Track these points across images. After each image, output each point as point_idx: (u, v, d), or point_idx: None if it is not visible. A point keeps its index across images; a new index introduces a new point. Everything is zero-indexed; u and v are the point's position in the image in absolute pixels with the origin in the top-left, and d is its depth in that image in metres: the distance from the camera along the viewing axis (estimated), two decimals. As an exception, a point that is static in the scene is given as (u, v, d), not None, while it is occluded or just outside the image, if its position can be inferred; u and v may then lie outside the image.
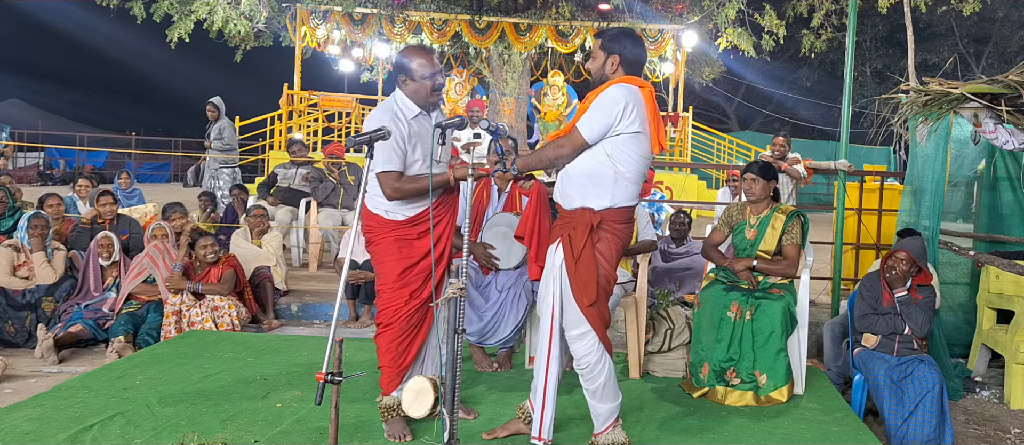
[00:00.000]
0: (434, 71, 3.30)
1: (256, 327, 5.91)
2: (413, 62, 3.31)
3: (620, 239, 3.24)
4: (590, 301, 3.15)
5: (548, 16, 12.25)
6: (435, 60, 3.34)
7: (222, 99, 9.66)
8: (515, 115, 12.79)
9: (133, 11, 11.64)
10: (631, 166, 3.17)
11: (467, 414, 3.74)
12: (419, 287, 3.36)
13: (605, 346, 3.23)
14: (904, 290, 4.40)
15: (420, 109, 3.35)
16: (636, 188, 3.25)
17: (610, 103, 3.11)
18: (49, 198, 6.88)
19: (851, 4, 5.49)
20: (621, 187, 3.17)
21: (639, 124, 3.12)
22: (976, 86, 3.74)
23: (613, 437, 3.30)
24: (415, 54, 3.33)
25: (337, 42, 13.94)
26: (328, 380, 2.60)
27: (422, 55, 3.33)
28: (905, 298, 4.39)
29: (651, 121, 3.18)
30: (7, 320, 5.52)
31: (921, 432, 4.10)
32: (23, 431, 3.49)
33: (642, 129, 3.14)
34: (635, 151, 3.16)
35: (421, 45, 3.53)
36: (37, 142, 21.41)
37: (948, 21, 18.37)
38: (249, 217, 6.98)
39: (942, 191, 5.25)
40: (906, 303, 4.38)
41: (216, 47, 13.20)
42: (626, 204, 3.22)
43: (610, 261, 3.22)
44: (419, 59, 3.31)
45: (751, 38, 11.98)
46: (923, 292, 4.41)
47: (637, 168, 3.19)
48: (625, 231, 3.27)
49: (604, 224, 3.19)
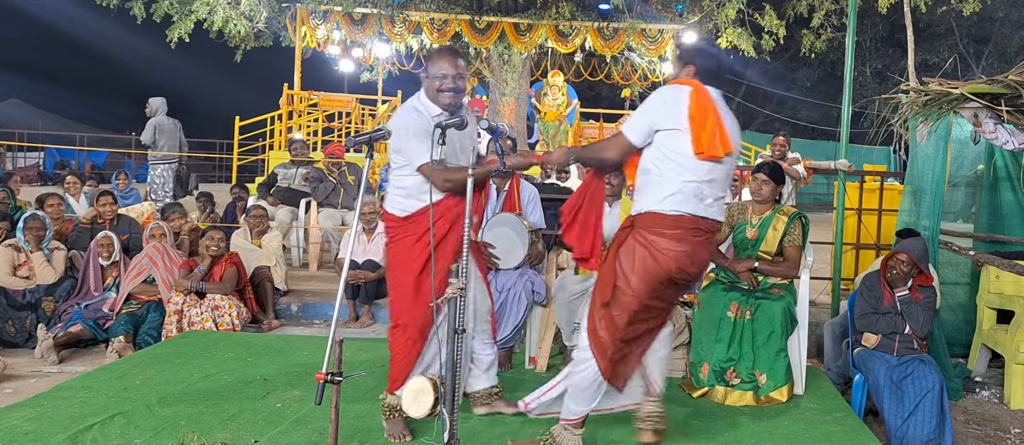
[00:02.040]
0: (444, 73, 3.26)
1: (256, 327, 5.91)
2: (430, 61, 3.34)
3: (650, 252, 3.02)
4: (603, 301, 3.12)
5: (548, 16, 12.24)
6: (455, 63, 3.28)
7: (164, 99, 10.04)
8: (515, 115, 12.79)
9: (133, 11, 11.64)
10: (667, 167, 3.02)
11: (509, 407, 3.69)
12: (430, 291, 3.34)
13: (597, 360, 3.13)
14: (905, 290, 4.40)
15: (440, 110, 3.33)
16: (683, 196, 3.02)
17: (651, 102, 3.09)
18: (49, 198, 6.88)
19: (851, 4, 5.49)
20: (656, 190, 3.04)
21: (675, 122, 3.01)
22: (976, 86, 3.74)
23: (564, 436, 3.28)
24: (434, 54, 3.36)
25: (337, 42, 13.93)
26: (328, 380, 2.60)
27: (440, 56, 3.32)
28: (906, 298, 4.39)
29: (695, 120, 3.00)
30: (7, 320, 5.52)
31: (921, 432, 4.10)
32: (23, 431, 3.49)
33: (679, 127, 3.01)
34: (672, 149, 3.02)
35: (448, 47, 3.51)
36: (37, 142, 21.40)
37: (948, 21, 18.36)
38: (249, 217, 6.98)
39: (942, 191, 5.25)
40: (907, 303, 4.38)
41: (216, 47, 13.19)
42: (659, 209, 3.03)
43: (627, 277, 3.04)
44: (434, 59, 3.32)
45: (751, 38, 11.98)
46: (924, 292, 4.42)
47: (676, 170, 3.01)
48: (663, 246, 3.01)
49: (634, 231, 3.08)
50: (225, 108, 15.70)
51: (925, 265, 4.45)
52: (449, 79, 3.27)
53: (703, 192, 3.06)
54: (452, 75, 3.27)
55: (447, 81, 3.28)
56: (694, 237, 3.06)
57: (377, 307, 6.41)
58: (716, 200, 3.13)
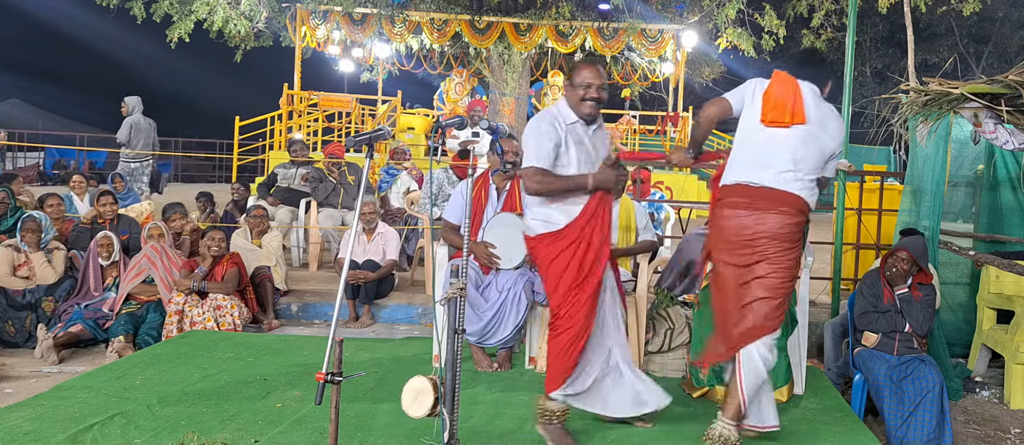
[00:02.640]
0: (588, 83, 3.36)
1: (256, 327, 5.91)
2: (575, 72, 3.44)
3: (721, 221, 3.34)
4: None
5: (548, 16, 12.24)
6: (599, 75, 3.40)
7: (139, 98, 10.24)
8: (515, 115, 12.79)
9: (133, 11, 11.64)
10: (737, 141, 3.36)
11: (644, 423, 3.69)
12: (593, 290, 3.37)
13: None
14: (905, 287, 4.41)
15: (577, 118, 3.41)
16: (747, 167, 3.30)
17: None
18: (49, 198, 6.88)
19: (851, 4, 5.49)
20: (732, 163, 3.37)
21: (750, 98, 3.34)
22: (976, 86, 3.74)
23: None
24: (579, 65, 3.48)
25: (337, 42, 13.94)
26: (328, 380, 2.60)
27: (585, 67, 3.44)
28: (906, 295, 4.40)
29: (768, 96, 3.29)
30: (7, 320, 5.52)
31: (921, 432, 4.10)
32: (23, 431, 3.49)
33: (752, 101, 3.32)
34: (741, 125, 3.34)
35: (591, 58, 3.66)
36: (37, 142, 21.39)
37: (948, 21, 18.36)
38: (249, 217, 6.98)
39: (942, 191, 5.26)
40: (907, 300, 4.38)
41: (216, 47, 13.19)
42: (729, 180, 3.34)
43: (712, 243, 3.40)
44: (580, 70, 3.43)
45: (751, 38, 11.98)
46: (924, 290, 4.42)
47: (743, 145, 3.33)
48: (729, 216, 3.30)
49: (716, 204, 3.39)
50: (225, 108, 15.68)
51: (925, 263, 4.45)
52: (593, 89, 3.37)
53: (765, 161, 3.26)
54: (596, 85, 3.37)
55: (591, 90, 3.37)
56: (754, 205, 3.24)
57: (377, 307, 6.42)
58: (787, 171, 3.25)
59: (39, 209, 6.53)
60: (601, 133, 3.55)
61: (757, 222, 3.22)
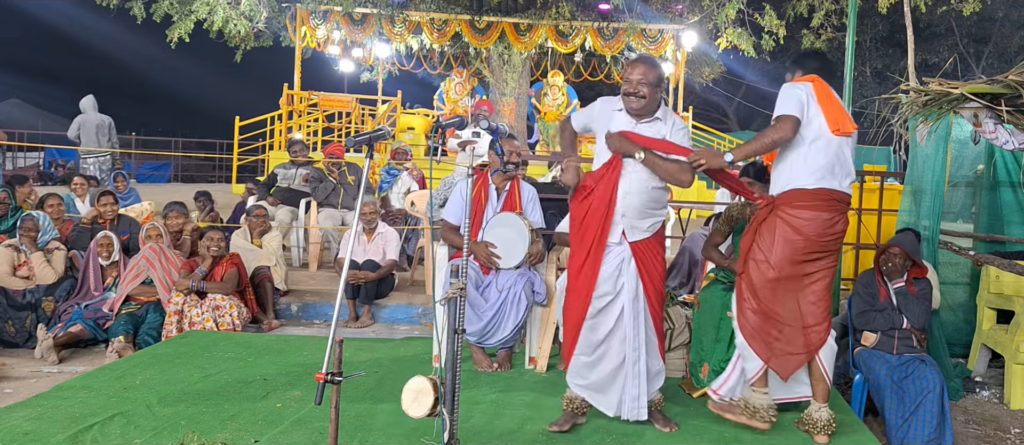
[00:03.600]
0: (628, 78, 3.51)
1: (256, 327, 5.91)
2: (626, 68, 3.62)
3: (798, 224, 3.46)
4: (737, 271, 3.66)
5: (548, 16, 12.24)
6: (637, 70, 3.50)
7: (92, 98, 10.86)
8: (515, 115, 12.79)
9: (133, 11, 11.64)
10: (804, 148, 3.49)
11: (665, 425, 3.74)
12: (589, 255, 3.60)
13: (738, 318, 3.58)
14: (901, 281, 4.44)
15: (622, 108, 3.59)
16: (824, 173, 3.47)
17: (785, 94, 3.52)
18: (49, 198, 6.88)
19: (851, 4, 5.49)
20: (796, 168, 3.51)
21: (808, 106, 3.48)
22: (976, 86, 3.73)
23: (753, 397, 3.58)
24: (628, 64, 3.65)
25: (337, 42, 13.93)
26: (328, 380, 2.60)
27: (627, 66, 3.61)
28: (902, 289, 4.43)
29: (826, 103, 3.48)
30: (7, 320, 5.52)
31: (921, 432, 4.10)
32: (23, 431, 3.49)
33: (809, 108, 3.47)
34: (804, 133, 3.47)
35: (645, 56, 3.76)
36: (37, 142, 21.38)
37: (948, 21, 18.35)
38: (249, 217, 6.98)
39: (942, 191, 5.26)
40: (903, 295, 4.41)
41: (216, 47, 13.19)
42: (807, 185, 3.46)
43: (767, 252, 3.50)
44: (625, 67, 3.67)
45: (751, 38, 11.98)
46: (919, 285, 4.45)
47: (817, 153, 3.46)
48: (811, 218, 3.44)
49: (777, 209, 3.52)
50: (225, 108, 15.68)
51: (918, 256, 4.48)
52: (631, 84, 3.51)
53: (840, 169, 3.46)
54: (634, 80, 3.49)
55: (629, 86, 3.52)
56: (833, 208, 3.47)
57: (377, 307, 6.42)
58: (850, 177, 3.53)
59: (39, 209, 6.53)
60: (656, 126, 3.57)
61: (836, 223, 3.49)
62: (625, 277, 3.55)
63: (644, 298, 3.59)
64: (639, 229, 3.55)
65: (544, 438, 3.59)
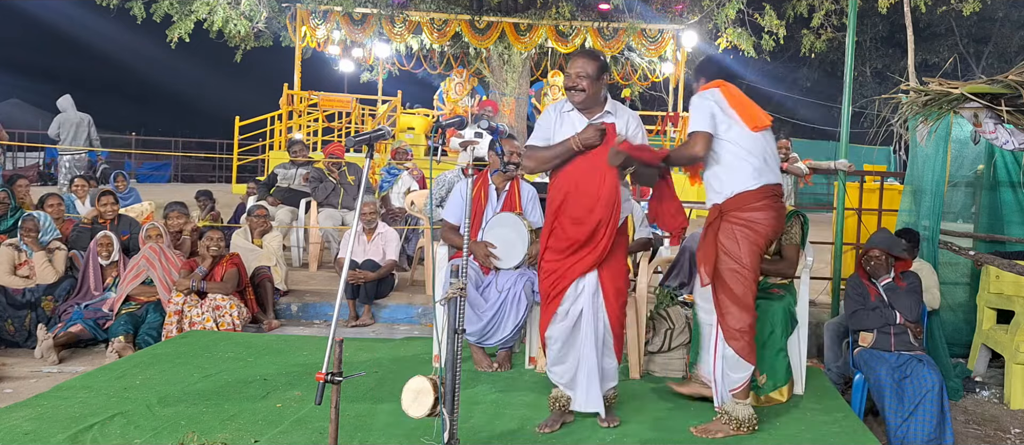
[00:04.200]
0: (570, 73, 3.54)
1: (256, 327, 5.91)
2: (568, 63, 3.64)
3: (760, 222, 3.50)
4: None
5: (548, 16, 12.25)
6: (575, 64, 3.53)
7: (69, 97, 11.02)
8: (515, 115, 12.79)
9: (133, 11, 11.64)
10: (737, 151, 3.51)
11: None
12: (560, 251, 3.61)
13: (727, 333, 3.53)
14: (888, 278, 4.47)
15: (572, 106, 3.61)
16: (761, 171, 3.54)
17: (696, 104, 3.54)
18: (49, 198, 6.88)
19: (851, 4, 5.49)
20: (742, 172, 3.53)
21: (720, 114, 3.52)
22: (976, 86, 3.74)
23: (735, 409, 3.56)
24: (571, 57, 3.68)
25: (337, 42, 13.94)
26: (328, 380, 2.60)
27: (572, 60, 3.59)
28: (891, 285, 4.47)
29: (738, 105, 3.54)
30: (7, 320, 5.52)
31: (921, 432, 4.10)
32: (23, 431, 3.49)
33: (724, 115, 3.51)
34: (731, 137, 3.53)
35: (585, 49, 3.81)
36: (37, 142, 21.38)
37: (948, 21, 18.35)
38: (249, 217, 6.98)
39: (942, 191, 5.26)
40: (892, 290, 4.44)
41: (216, 47, 13.20)
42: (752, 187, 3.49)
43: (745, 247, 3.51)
44: (569, 62, 3.63)
45: (751, 38, 11.98)
46: (907, 278, 4.50)
47: (749, 154, 3.51)
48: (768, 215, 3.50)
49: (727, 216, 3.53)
50: (225, 108, 15.67)
51: (897, 250, 4.52)
52: (570, 78, 3.54)
53: (770, 162, 3.55)
54: (573, 74, 3.53)
55: (569, 80, 3.54)
56: (778, 201, 3.56)
57: (377, 307, 6.42)
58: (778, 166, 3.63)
59: (39, 209, 6.53)
60: (609, 120, 3.58)
61: (782, 215, 3.60)
62: (587, 274, 3.56)
63: (602, 295, 3.58)
64: None
65: (544, 438, 3.59)
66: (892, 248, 4.50)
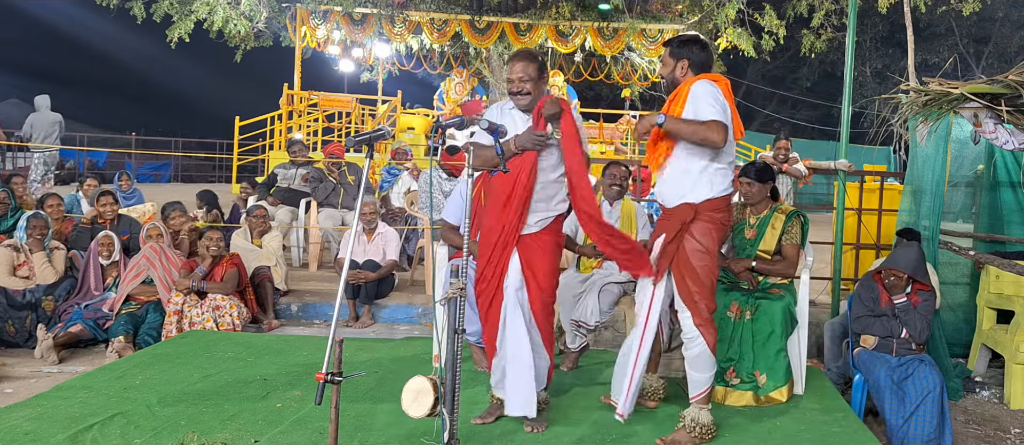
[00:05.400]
0: (512, 78, 3.54)
1: (256, 327, 5.91)
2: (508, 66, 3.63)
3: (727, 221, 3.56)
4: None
5: (548, 16, 12.25)
6: (521, 67, 3.52)
7: (46, 97, 11.36)
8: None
9: (133, 11, 11.65)
10: (724, 152, 3.45)
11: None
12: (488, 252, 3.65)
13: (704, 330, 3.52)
14: (904, 296, 4.40)
15: (514, 106, 3.63)
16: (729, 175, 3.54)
17: (717, 95, 3.40)
18: (49, 198, 6.88)
19: (851, 4, 5.49)
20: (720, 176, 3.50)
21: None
22: (976, 86, 3.74)
23: (698, 415, 3.54)
24: (509, 60, 3.65)
25: (337, 42, 13.94)
26: (328, 380, 2.60)
27: (511, 64, 3.59)
28: (905, 304, 4.39)
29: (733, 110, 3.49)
30: (7, 320, 5.51)
31: (921, 432, 4.10)
32: (23, 431, 3.49)
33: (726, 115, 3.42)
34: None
35: (522, 51, 3.72)
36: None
37: (948, 21, 18.35)
38: (249, 217, 6.98)
39: (942, 191, 5.25)
40: (905, 309, 4.38)
41: (216, 47, 13.20)
42: (729, 190, 3.51)
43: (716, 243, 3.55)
44: (508, 66, 3.63)
45: (751, 38, 11.98)
46: (922, 296, 4.41)
47: (728, 156, 3.49)
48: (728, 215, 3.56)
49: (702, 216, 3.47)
50: (225, 108, 15.68)
51: (922, 275, 4.42)
52: (513, 83, 3.54)
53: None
54: (515, 79, 3.53)
55: (512, 85, 3.55)
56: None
57: (377, 307, 6.42)
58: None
59: (39, 209, 6.53)
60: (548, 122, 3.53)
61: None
62: (509, 270, 3.54)
63: (526, 294, 3.56)
64: (527, 223, 3.54)
65: (544, 438, 3.59)
66: (916, 274, 4.38)
